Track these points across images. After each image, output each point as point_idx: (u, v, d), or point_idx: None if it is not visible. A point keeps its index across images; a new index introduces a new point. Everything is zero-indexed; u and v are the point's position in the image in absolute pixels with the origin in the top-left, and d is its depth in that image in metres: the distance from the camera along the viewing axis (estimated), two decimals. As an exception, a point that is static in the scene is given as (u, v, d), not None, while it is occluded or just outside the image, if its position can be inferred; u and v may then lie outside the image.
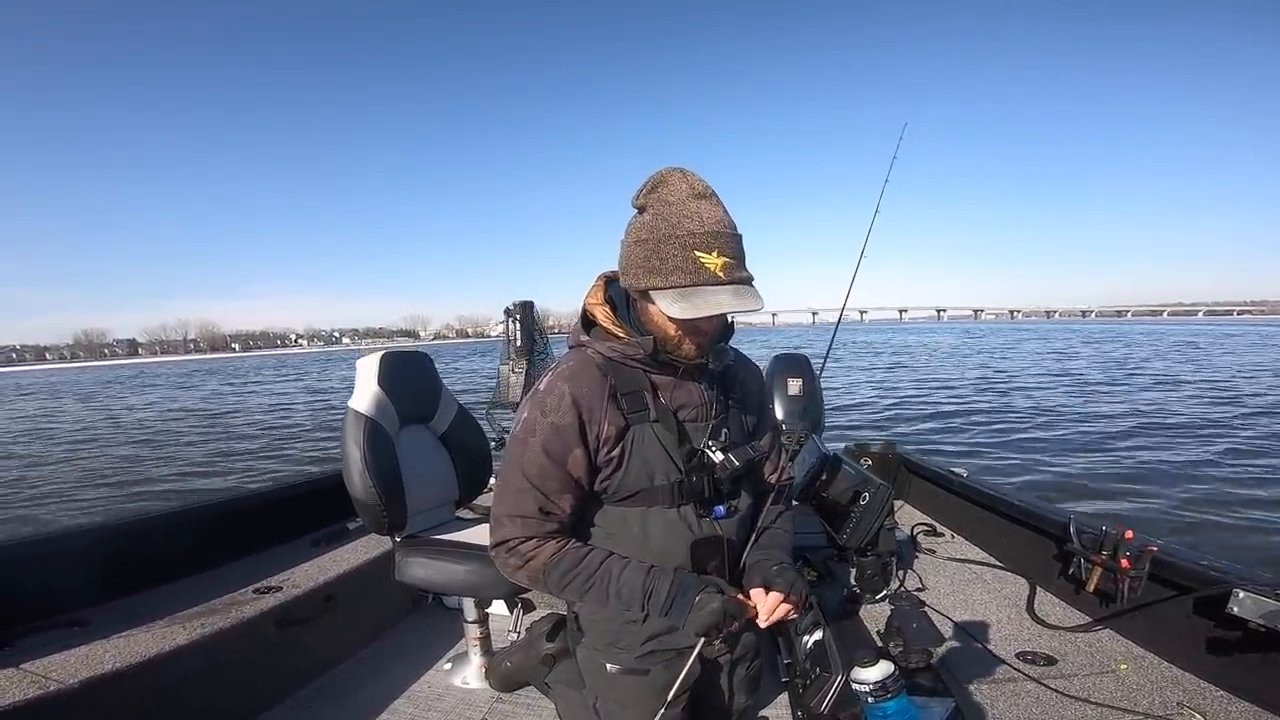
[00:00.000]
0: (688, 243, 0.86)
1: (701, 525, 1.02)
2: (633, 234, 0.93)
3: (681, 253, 0.87)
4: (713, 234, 0.87)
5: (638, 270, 0.91)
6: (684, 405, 1.02)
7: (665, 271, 0.88)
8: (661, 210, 0.89)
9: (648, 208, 0.92)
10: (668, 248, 0.87)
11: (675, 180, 0.91)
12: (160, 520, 2.28)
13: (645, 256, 0.90)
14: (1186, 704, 1.54)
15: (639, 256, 0.91)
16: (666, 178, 0.91)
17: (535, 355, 3.94)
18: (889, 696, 1.01)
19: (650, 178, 0.93)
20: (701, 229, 0.87)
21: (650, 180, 0.93)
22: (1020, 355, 25.45)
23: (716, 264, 0.86)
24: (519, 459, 0.98)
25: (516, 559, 0.99)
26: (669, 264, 0.87)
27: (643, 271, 0.90)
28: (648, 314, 0.97)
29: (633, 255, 0.92)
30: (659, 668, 1.05)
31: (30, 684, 1.42)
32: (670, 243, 0.87)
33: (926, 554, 2.61)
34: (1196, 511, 5.12)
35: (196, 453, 10.74)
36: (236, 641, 1.79)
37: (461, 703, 1.90)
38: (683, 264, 0.87)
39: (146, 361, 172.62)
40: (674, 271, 0.87)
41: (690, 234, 0.87)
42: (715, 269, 0.86)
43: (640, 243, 0.91)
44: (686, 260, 0.86)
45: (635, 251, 0.91)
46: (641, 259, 0.90)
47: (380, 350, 1.98)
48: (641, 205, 0.93)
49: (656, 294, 0.89)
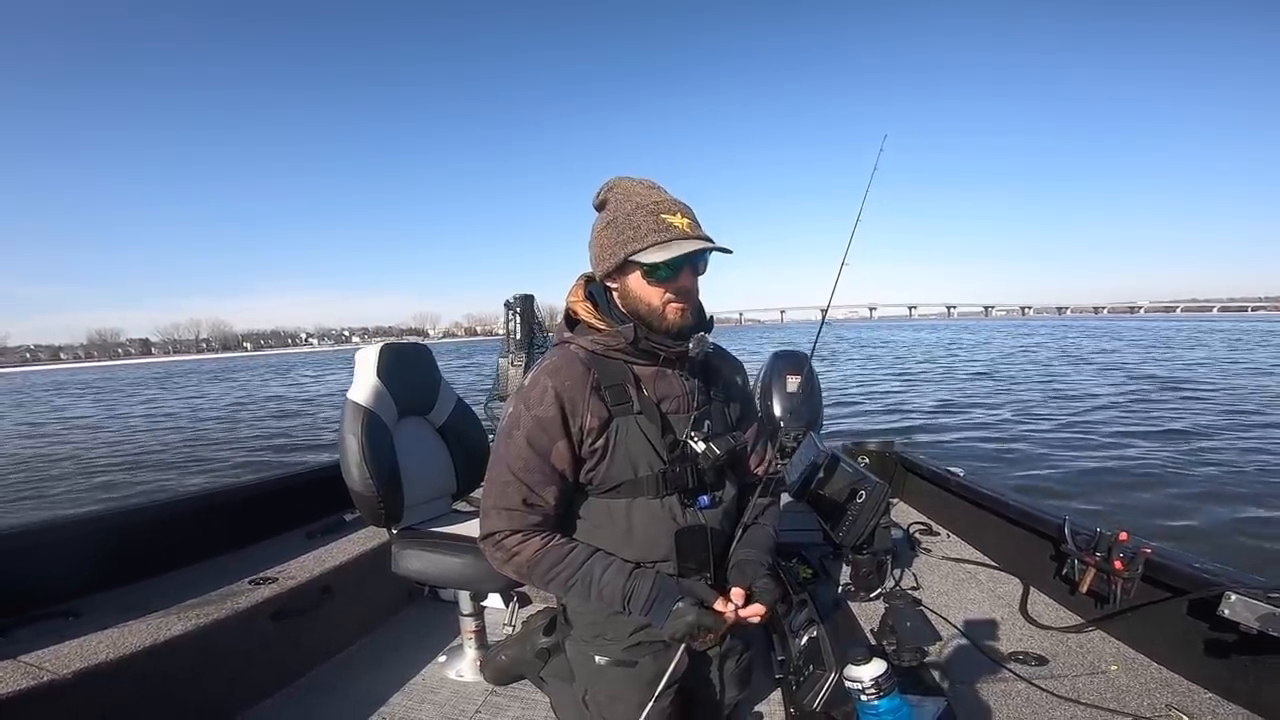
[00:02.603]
0: (653, 209, 0.96)
1: (686, 515, 1.03)
2: (599, 224, 1.02)
3: (650, 218, 0.96)
4: (672, 201, 0.99)
5: (612, 247, 0.98)
6: (666, 397, 1.05)
7: (639, 235, 0.96)
8: (621, 197, 1.00)
9: (608, 201, 1.02)
10: (636, 217, 0.96)
11: (625, 179, 1.02)
12: (156, 511, 2.27)
13: (617, 232, 0.97)
14: (1175, 706, 1.54)
15: (610, 236, 0.98)
16: (617, 180, 1.03)
17: (534, 349, 3.93)
18: (882, 694, 1.02)
19: (602, 184, 1.04)
20: (661, 199, 0.97)
21: (604, 184, 1.04)
22: (1021, 355, 25.58)
23: (683, 223, 0.96)
24: (504, 452, 1.00)
25: (503, 553, 1.01)
26: (641, 229, 0.96)
27: (616, 245, 0.97)
28: (627, 290, 1.01)
29: (604, 238, 1.00)
30: (647, 659, 1.07)
31: (24, 674, 1.42)
32: (637, 213, 0.96)
33: (922, 553, 2.62)
34: (1191, 514, 5.14)
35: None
36: (232, 633, 1.79)
37: (456, 695, 1.91)
38: (654, 225, 0.95)
39: (176, 359, 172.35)
40: (648, 233, 0.95)
41: (654, 203, 0.97)
42: (683, 226, 0.96)
43: (610, 224, 0.99)
44: (656, 221, 0.96)
45: (606, 234, 0.99)
46: (613, 236, 0.98)
47: (380, 342, 1.98)
48: (601, 201, 1.03)
49: (635, 257, 0.96)
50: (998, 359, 22.93)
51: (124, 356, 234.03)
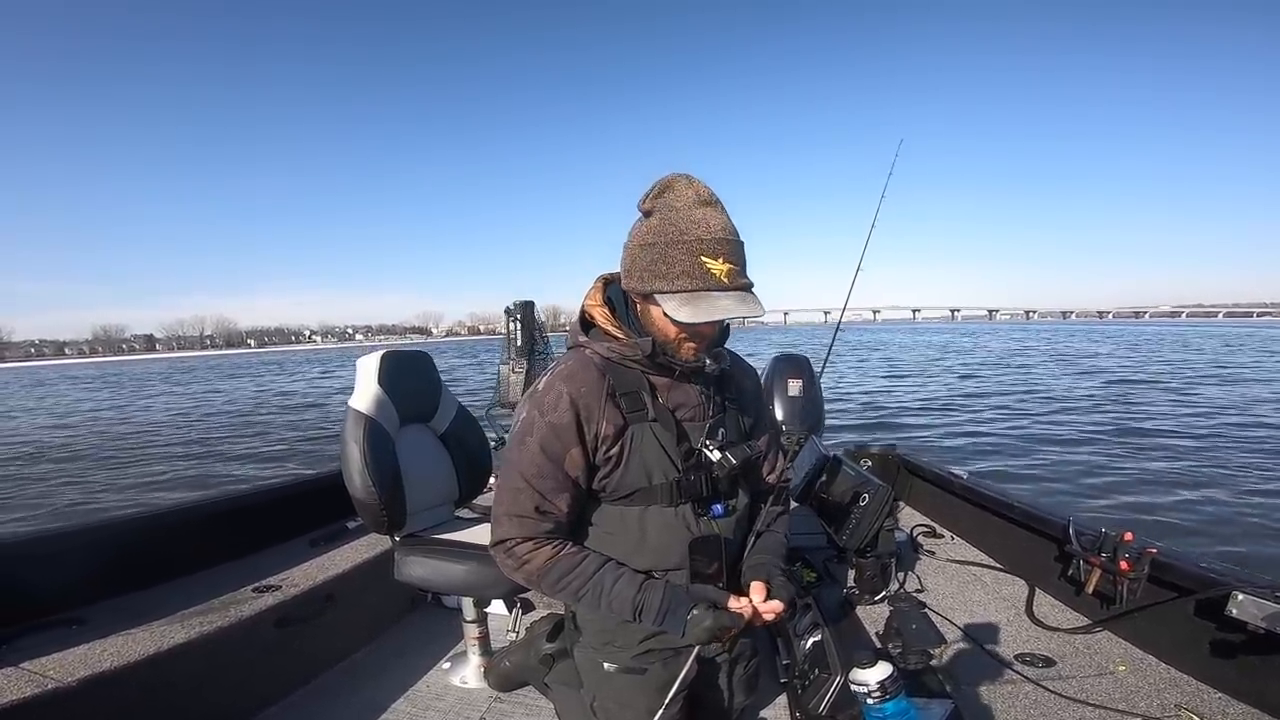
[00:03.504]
0: (694, 248, 0.88)
1: (699, 524, 1.02)
2: (638, 237, 0.94)
3: (688, 258, 0.88)
4: (718, 240, 0.89)
5: (643, 273, 0.92)
6: (681, 405, 1.03)
7: (671, 276, 0.89)
8: (668, 215, 0.91)
9: (654, 212, 0.93)
10: (674, 252, 0.89)
11: (681, 186, 0.92)
12: (159, 518, 2.28)
13: (651, 260, 0.91)
14: (1185, 706, 1.53)
15: (645, 260, 0.92)
16: (673, 183, 0.93)
17: (535, 355, 3.94)
18: (888, 698, 1.01)
19: (657, 182, 0.94)
20: (708, 235, 0.88)
21: (657, 185, 0.94)
22: (1022, 355, 25.58)
23: (721, 270, 0.88)
24: (516, 458, 0.99)
25: (514, 560, 1.00)
26: (675, 269, 0.89)
27: (648, 275, 0.91)
28: (649, 316, 0.98)
29: (638, 259, 0.93)
30: (656, 666, 1.06)
31: (28, 682, 1.42)
32: (677, 247, 0.89)
33: (926, 555, 2.61)
34: (1196, 513, 5.12)
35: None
36: (235, 641, 1.79)
37: (460, 702, 1.90)
38: (689, 269, 0.88)
39: (182, 356, 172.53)
40: (680, 276, 0.89)
41: (697, 240, 0.88)
42: (720, 275, 0.88)
43: (647, 246, 0.92)
44: (693, 265, 0.88)
45: (641, 255, 0.92)
46: (647, 263, 0.91)
47: (381, 349, 1.98)
48: (648, 209, 0.94)
49: (662, 297, 0.90)
50: (996, 359, 23.00)
51: (129, 352, 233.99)
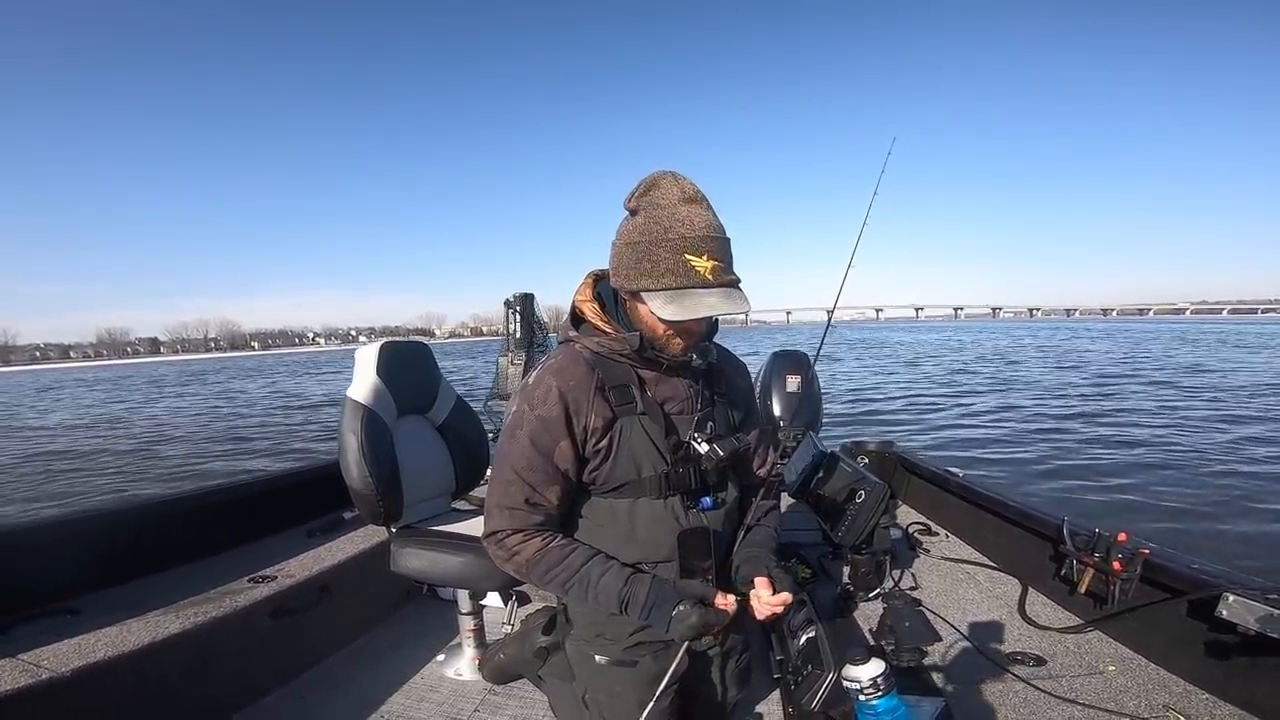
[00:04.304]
0: (679, 246, 0.89)
1: (688, 516, 1.04)
2: (625, 235, 0.95)
3: (673, 256, 0.89)
4: (703, 238, 0.90)
5: (629, 271, 0.93)
6: (670, 399, 1.05)
7: (657, 274, 0.90)
8: (653, 213, 0.92)
9: (640, 210, 0.94)
10: (659, 250, 0.90)
11: (667, 184, 0.93)
12: (154, 508, 2.28)
13: (637, 259, 0.92)
14: (1173, 707, 1.55)
15: (631, 258, 0.93)
16: (658, 181, 0.94)
17: (534, 348, 3.94)
18: (880, 695, 1.02)
19: (642, 180, 0.95)
20: (692, 233, 0.89)
21: (642, 183, 0.95)
22: (1023, 355, 25.64)
23: (706, 267, 0.89)
24: (507, 451, 1.00)
25: (504, 551, 1.02)
26: (660, 266, 0.90)
27: (634, 273, 0.93)
28: (637, 313, 0.99)
29: (624, 256, 0.94)
30: (647, 658, 1.07)
31: (23, 672, 1.42)
32: (662, 245, 0.90)
33: (921, 553, 2.62)
34: (1190, 515, 5.15)
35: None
36: (231, 631, 1.79)
37: (455, 694, 1.91)
38: (674, 267, 0.89)
39: (187, 359, 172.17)
40: (665, 274, 0.90)
41: (682, 238, 0.89)
42: (705, 272, 0.89)
43: (632, 245, 0.93)
44: (678, 263, 0.89)
45: (627, 253, 0.94)
46: (633, 261, 0.93)
47: (380, 341, 1.98)
48: (634, 208, 0.95)
49: (648, 295, 0.92)
50: (1000, 358, 23.06)
51: (133, 355, 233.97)
